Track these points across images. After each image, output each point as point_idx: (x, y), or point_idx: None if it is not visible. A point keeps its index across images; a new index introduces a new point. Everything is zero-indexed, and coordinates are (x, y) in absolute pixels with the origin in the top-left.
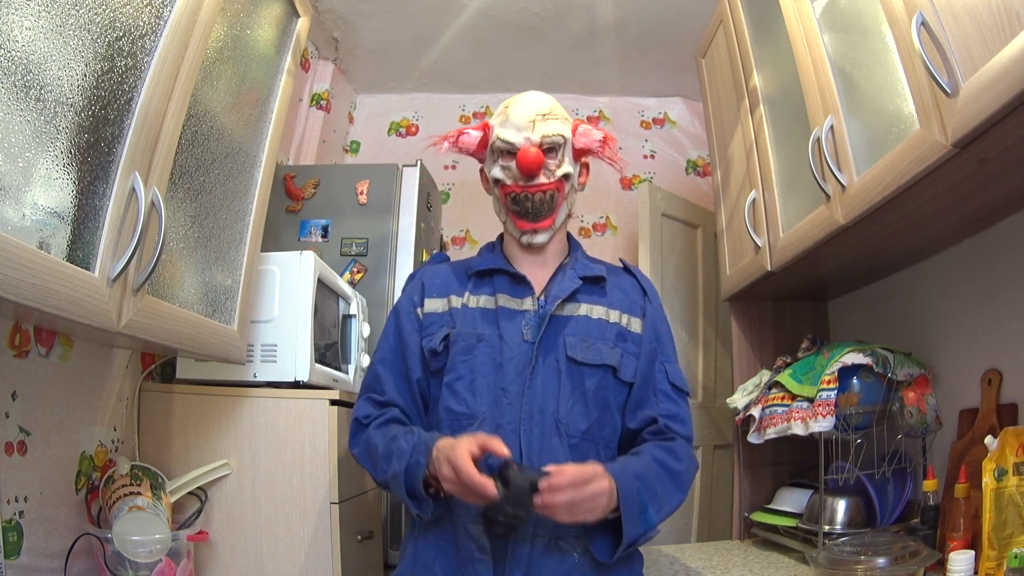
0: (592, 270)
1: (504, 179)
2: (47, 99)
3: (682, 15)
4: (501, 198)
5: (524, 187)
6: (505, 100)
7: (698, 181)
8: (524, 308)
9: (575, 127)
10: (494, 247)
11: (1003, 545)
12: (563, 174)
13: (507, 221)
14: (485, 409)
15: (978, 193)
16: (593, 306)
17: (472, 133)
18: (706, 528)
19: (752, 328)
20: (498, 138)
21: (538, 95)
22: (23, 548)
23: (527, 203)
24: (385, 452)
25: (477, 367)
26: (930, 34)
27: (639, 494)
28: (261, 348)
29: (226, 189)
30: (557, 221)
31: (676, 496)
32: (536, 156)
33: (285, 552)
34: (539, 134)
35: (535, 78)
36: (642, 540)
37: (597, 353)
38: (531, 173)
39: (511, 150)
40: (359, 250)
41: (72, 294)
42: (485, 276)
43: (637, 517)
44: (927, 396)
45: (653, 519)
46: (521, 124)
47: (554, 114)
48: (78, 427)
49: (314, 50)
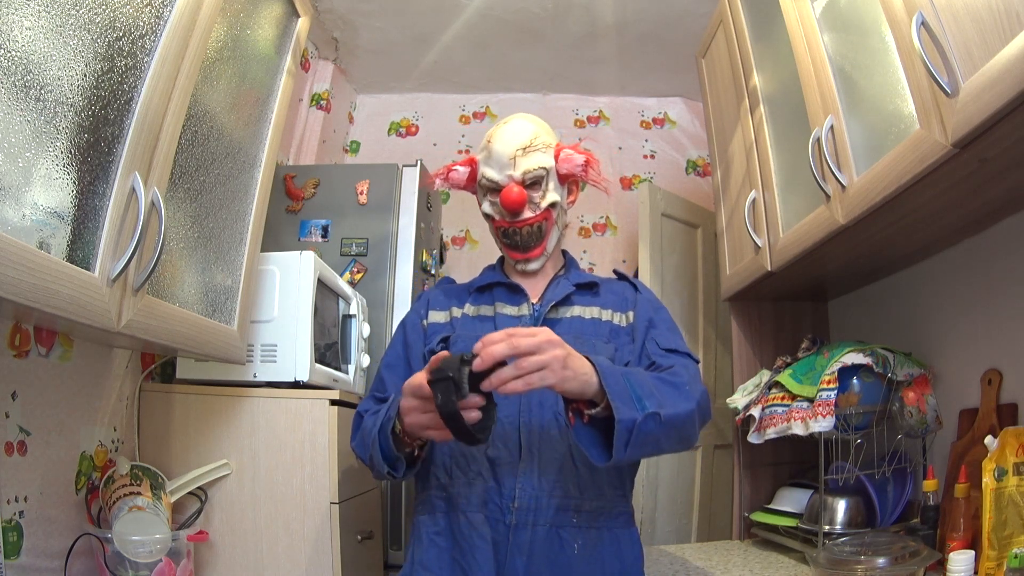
0: (585, 278)
1: (493, 214)
2: (47, 99)
3: (682, 15)
4: (493, 231)
5: (511, 223)
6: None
7: (698, 181)
8: (521, 313)
9: (557, 152)
10: (495, 267)
11: (1003, 545)
12: (549, 203)
13: (502, 250)
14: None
15: (978, 193)
16: (586, 307)
17: (460, 169)
18: (706, 528)
19: (752, 328)
20: (483, 176)
21: (519, 125)
22: (23, 548)
23: (516, 237)
24: (370, 428)
25: None
26: (930, 34)
27: (624, 377)
28: (261, 348)
29: (226, 189)
30: (548, 248)
31: (679, 401)
32: (519, 195)
33: (285, 552)
34: (520, 170)
35: (535, 78)
36: (642, 431)
37: (592, 349)
38: (515, 211)
39: (496, 188)
40: (359, 250)
41: (72, 294)
42: (485, 290)
43: (627, 397)
44: (927, 396)
45: (647, 407)
46: (503, 162)
47: (535, 145)
48: (78, 427)
49: (314, 50)
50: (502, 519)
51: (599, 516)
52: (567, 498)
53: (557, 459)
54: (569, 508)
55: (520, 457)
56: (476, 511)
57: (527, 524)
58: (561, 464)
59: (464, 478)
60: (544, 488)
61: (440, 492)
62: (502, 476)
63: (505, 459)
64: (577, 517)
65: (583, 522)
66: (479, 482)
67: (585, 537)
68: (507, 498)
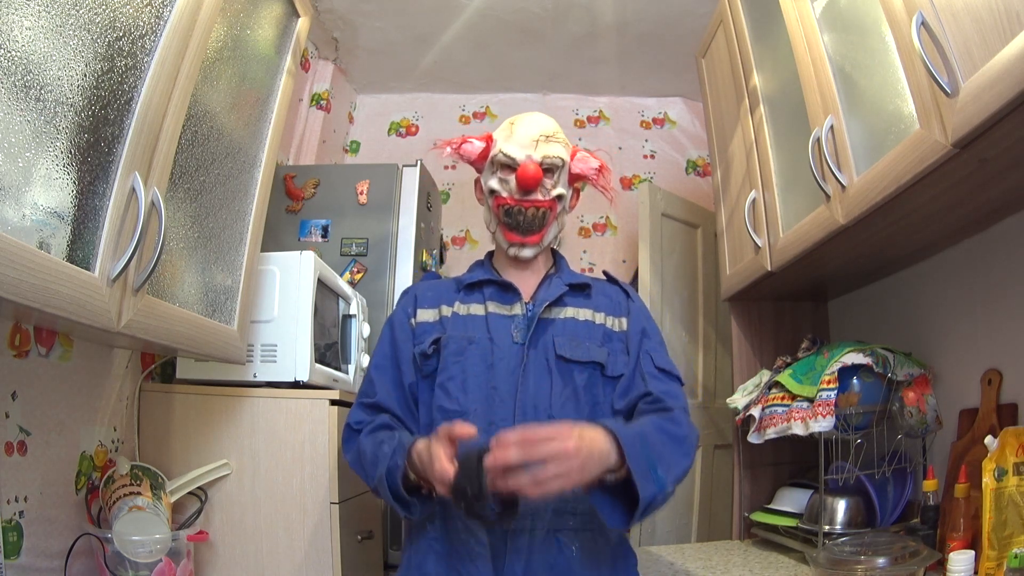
0: (578, 278)
1: (500, 191)
2: (47, 99)
3: (682, 15)
4: (494, 209)
5: (519, 201)
6: (511, 117)
7: (698, 181)
8: (513, 313)
9: (573, 152)
10: (483, 263)
11: (1003, 545)
12: (557, 195)
13: (497, 232)
14: (477, 406)
15: (978, 193)
16: (579, 309)
17: (475, 143)
18: (706, 528)
19: (752, 328)
20: (501, 151)
21: (544, 117)
22: (23, 548)
23: (519, 216)
24: (372, 458)
25: (468, 367)
26: (930, 34)
27: (644, 448)
28: (261, 348)
29: (226, 189)
30: (545, 239)
31: (682, 461)
32: (536, 172)
33: (285, 552)
34: (541, 153)
35: (535, 78)
36: (657, 503)
37: (586, 351)
38: (529, 188)
39: (512, 165)
40: (359, 250)
41: (72, 294)
42: (475, 287)
43: (647, 473)
44: (927, 396)
45: (664, 479)
46: (525, 142)
47: (556, 138)
48: (78, 427)
49: (314, 50)
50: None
51: (594, 518)
52: (564, 502)
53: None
54: (566, 511)
55: None
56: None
57: (525, 529)
58: None
59: None
60: None
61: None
62: None
63: None
64: (573, 520)
65: (579, 524)
66: None
67: (582, 539)
68: None
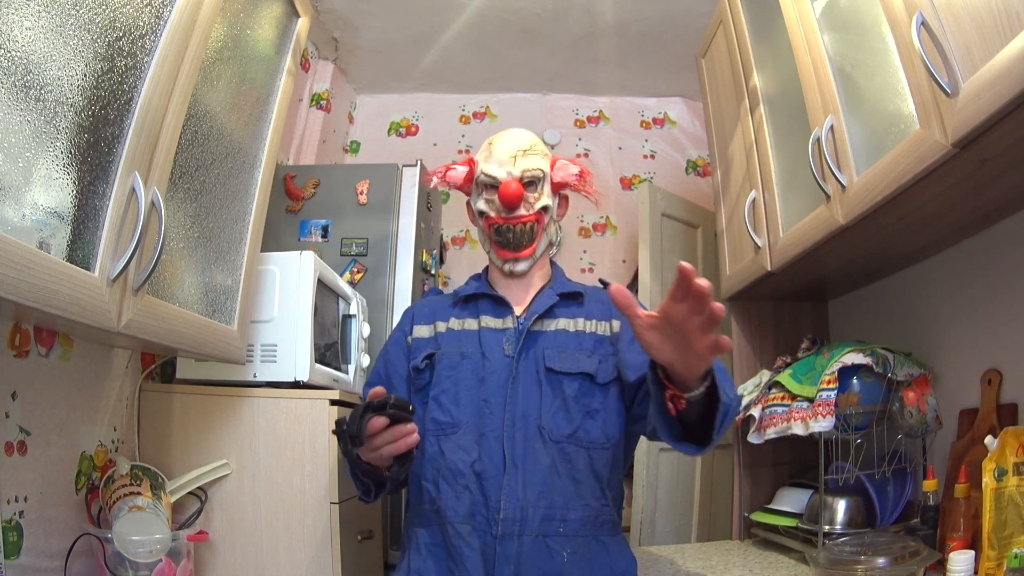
0: (570, 287)
1: (488, 211)
2: (47, 99)
3: (682, 15)
4: (485, 229)
5: (506, 219)
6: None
7: (698, 181)
8: (505, 326)
9: (553, 162)
10: (480, 277)
11: (1003, 545)
12: (542, 206)
13: (491, 251)
14: (468, 418)
15: (978, 193)
16: (571, 319)
17: (459, 168)
18: (706, 528)
19: (752, 328)
20: (482, 172)
21: (520, 132)
22: (23, 548)
23: (508, 234)
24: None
25: (460, 380)
26: (930, 34)
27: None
28: (261, 348)
29: (226, 189)
30: (537, 250)
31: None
32: (516, 190)
33: (285, 552)
34: (520, 168)
35: (535, 78)
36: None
37: (575, 363)
38: (511, 205)
39: (494, 184)
40: (359, 250)
41: (72, 294)
42: (470, 301)
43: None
44: (927, 396)
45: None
46: (503, 159)
47: (534, 150)
48: (78, 427)
49: (314, 50)
50: (489, 530)
51: (585, 524)
52: (552, 508)
53: (541, 471)
54: (555, 518)
55: (504, 470)
56: (464, 522)
57: (513, 534)
58: (545, 476)
59: (452, 491)
60: (529, 499)
61: (431, 505)
62: (488, 488)
63: (490, 472)
64: (563, 526)
65: (570, 531)
66: (466, 495)
67: (574, 545)
68: (493, 510)
